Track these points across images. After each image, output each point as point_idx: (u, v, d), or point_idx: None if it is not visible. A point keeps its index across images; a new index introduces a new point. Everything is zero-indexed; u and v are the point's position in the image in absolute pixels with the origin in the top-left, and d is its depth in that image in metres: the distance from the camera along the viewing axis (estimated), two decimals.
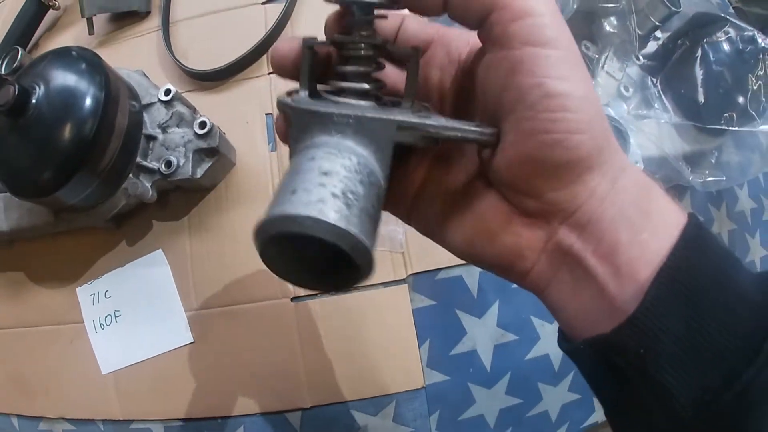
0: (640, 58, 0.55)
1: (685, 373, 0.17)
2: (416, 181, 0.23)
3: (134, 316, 0.50)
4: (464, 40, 0.22)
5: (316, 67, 0.21)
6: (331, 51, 0.22)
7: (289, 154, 0.20)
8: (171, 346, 0.49)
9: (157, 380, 0.49)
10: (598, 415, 0.52)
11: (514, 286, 0.49)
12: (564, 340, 0.22)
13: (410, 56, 0.20)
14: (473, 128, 0.19)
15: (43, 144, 0.42)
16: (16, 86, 0.41)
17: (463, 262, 0.49)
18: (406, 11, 0.20)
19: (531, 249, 0.21)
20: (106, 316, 0.51)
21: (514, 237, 0.21)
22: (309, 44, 0.21)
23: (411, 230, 0.49)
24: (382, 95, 0.22)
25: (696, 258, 0.18)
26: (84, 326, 0.52)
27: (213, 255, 0.50)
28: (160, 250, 0.50)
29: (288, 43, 0.21)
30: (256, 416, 0.48)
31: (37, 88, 0.43)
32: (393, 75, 0.23)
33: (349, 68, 0.21)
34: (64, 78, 0.44)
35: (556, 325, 0.41)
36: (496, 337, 0.49)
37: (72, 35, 0.60)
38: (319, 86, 0.22)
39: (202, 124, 0.47)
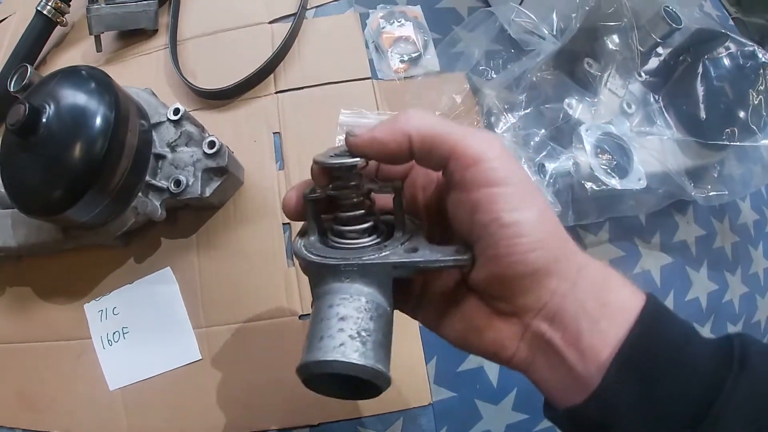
0: (642, 74, 0.54)
1: (639, 415, 0.20)
2: (417, 289, 0.27)
3: (142, 333, 0.50)
4: None
5: (318, 209, 0.26)
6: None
7: (312, 293, 0.25)
8: (179, 363, 0.49)
9: (165, 397, 0.49)
10: None
11: None
12: (548, 410, 0.24)
13: (394, 192, 0.25)
14: (453, 257, 0.23)
15: (53, 163, 0.42)
16: (27, 105, 0.41)
17: None
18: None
19: (510, 339, 0.24)
20: (114, 333, 0.50)
21: (496, 332, 0.24)
22: (309, 198, 0.25)
23: None
24: (379, 223, 0.26)
25: (650, 338, 0.20)
26: (91, 342, 0.51)
27: (221, 273, 0.49)
28: (169, 268, 0.50)
29: (293, 196, 0.26)
30: None
31: (48, 107, 0.42)
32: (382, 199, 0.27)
33: (346, 215, 0.25)
34: (74, 97, 0.43)
35: None
36: None
37: (79, 52, 0.59)
38: (324, 217, 0.27)
39: (211, 144, 0.46)
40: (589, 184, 0.47)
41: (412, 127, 0.22)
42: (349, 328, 0.22)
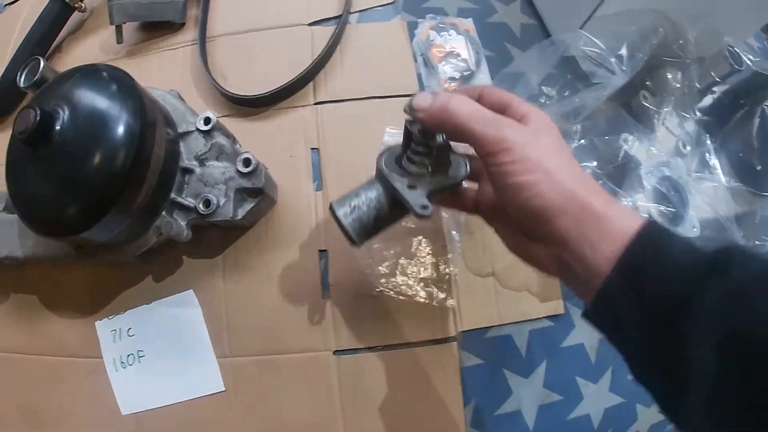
0: (697, 112, 0.48)
1: (635, 314, 0.23)
2: (468, 203, 0.33)
3: (160, 358, 0.42)
4: None
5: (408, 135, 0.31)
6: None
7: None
8: (200, 393, 0.41)
9: (182, 427, 0.41)
10: None
11: (563, 345, 0.41)
12: (584, 314, 0.26)
13: (442, 147, 0.30)
14: (411, 208, 0.29)
15: (68, 178, 0.33)
16: (38, 111, 0.32)
17: (514, 320, 0.42)
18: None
19: (544, 258, 0.29)
20: (128, 355, 0.42)
21: (533, 251, 0.29)
22: (407, 126, 0.30)
23: (463, 285, 0.42)
24: (429, 163, 0.31)
25: (643, 249, 0.23)
26: (102, 362, 0.43)
27: (250, 298, 0.42)
28: (191, 291, 0.42)
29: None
30: None
31: (62, 113, 0.33)
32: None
33: (412, 156, 0.31)
34: (94, 101, 0.34)
35: (599, 385, 0.42)
36: (542, 398, 0.43)
37: (97, 41, 0.50)
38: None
39: (246, 162, 0.38)
40: None
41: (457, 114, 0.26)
42: (354, 201, 0.31)
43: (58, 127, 0.33)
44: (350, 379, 0.40)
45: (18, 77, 0.40)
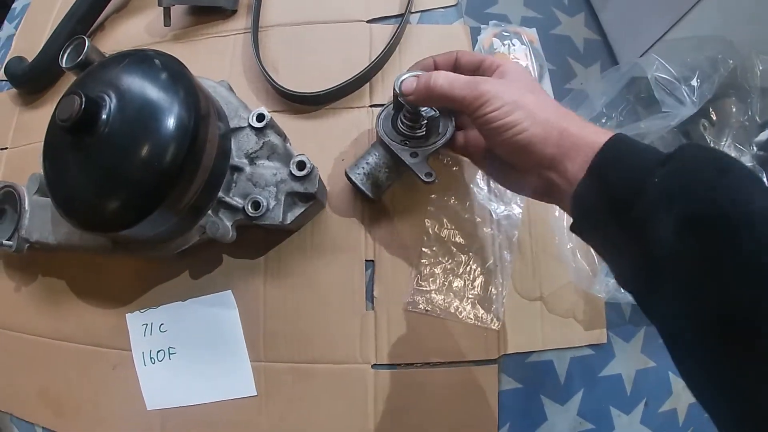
0: (754, 147, 0.45)
1: (603, 207, 0.24)
2: (457, 148, 0.36)
3: (192, 356, 0.39)
4: None
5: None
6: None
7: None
8: (230, 396, 0.39)
9: (210, 427, 0.39)
10: None
11: (601, 374, 0.42)
12: (570, 227, 0.28)
13: (434, 119, 0.36)
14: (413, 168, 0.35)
15: (112, 171, 0.30)
16: (83, 97, 0.28)
17: (557, 347, 0.40)
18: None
19: (534, 183, 0.29)
20: (159, 351, 0.40)
21: (522, 179, 0.30)
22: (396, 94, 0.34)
23: (510, 307, 0.39)
24: (421, 129, 0.36)
25: (608, 155, 0.25)
26: (130, 355, 0.40)
27: (289, 304, 0.39)
28: (230, 292, 0.39)
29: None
30: None
31: (108, 100, 0.30)
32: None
33: (404, 122, 0.36)
34: (144, 90, 0.31)
35: (631, 417, 0.41)
36: (575, 426, 0.40)
37: (143, 22, 0.45)
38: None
39: (301, 165, 0.35)
40: None
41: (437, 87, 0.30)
42: (365, 163, 0.37)
43: (104, 116, 0.29)
44: (386, 394, 0.38)
45: (60, 56, 0.36)
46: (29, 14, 0.52)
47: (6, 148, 0.48)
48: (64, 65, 0.35)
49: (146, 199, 0.30)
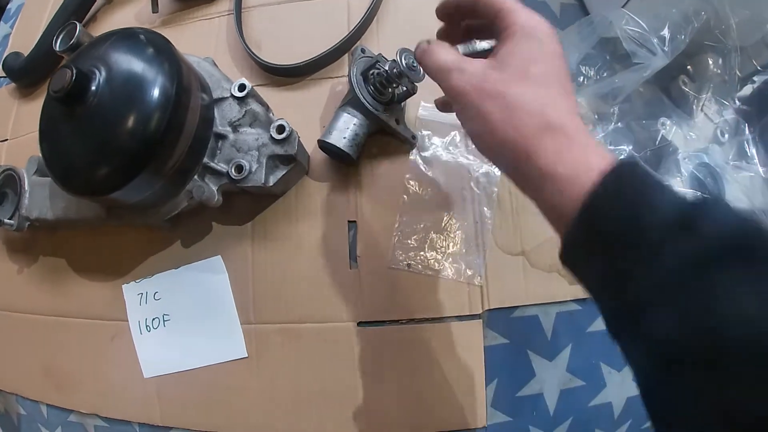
0: (737, 101, 0.45)
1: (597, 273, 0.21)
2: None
3: (185, 322, 0.41)
4: None
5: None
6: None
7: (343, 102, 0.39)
8: (222, 359, 0.40)
9: (203, 391, 0.41)
10: None
11: (589, 329, 0.42)
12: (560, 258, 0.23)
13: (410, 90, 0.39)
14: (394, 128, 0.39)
15: (102, 138, 0.32)
16: (74, 70, 0.31)
17: (541, 301, 0.41)
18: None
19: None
20: (154, 319, 0.42)
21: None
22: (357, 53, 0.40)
23: (492, 262, 0.40)
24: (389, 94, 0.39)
25: (606, 199, 0.20)
26: (127, 325, 0.42)
27: (276, 266, 0.40)
28: (219, 257, 0.41)
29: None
30: None
31: (98, 73, 0.32)
32: None
33: (378, 88, 0.38)
34: (130, 63, 0.33)
35: (623, 374, 0.40)
36: (564, 382, 0.41)
37: (133, 11, 0.48)
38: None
39: (280, 128, 0.37)
40: None
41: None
42: (346, 133, 0.38)
43: (93, 88, 0.32)
44: (373, 351, 0.39)
45: (54, 41, 0.39)
46: (24, 12, 0.56)
47: (6, 140, 0.51)
48: (57, 49, 0.38)
49: (132, 163, 0.32)
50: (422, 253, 0.39)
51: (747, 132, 0.44)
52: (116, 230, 0.43)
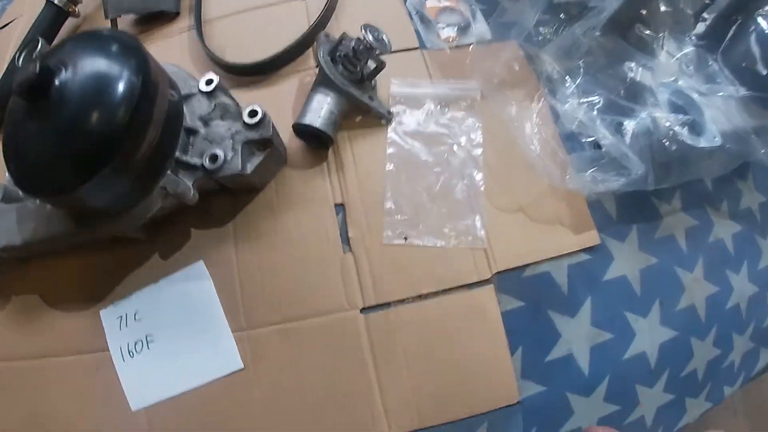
0: (694, 38, 0.46)
1: None
2: None
3: (170, 340, 0.37)
4: None
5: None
6: None
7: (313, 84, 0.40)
8: (216, 375, 0.36)
9: (199, 416, 0.36)
10: (690, 414, 0.41)
11: (605, 278, 0.39)
12: None
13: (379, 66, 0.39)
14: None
15: (66, 131, 0.31)
16: (38, 64, 0.30)
17: (549, 256, 0.38)
18: None
19: None
20: (136, 342, 0.38)
21: None
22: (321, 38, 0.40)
23: (491, 224, 0.38)
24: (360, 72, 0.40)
25: None
26: (110, 354, 0.38)
27: (264, 265, 0.37)
28: (201, 262, 0.38)
29: None
30: None
31: (63, 70, 0.31)
32: None
33: (347, 67, 0.39)
34: (95, 59, 0.33)
35: (649, 319, 0.38)
36: (592, 337, 0.38)
37: None
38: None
39: (253, 113, 0.36)
40: (668, 143, 0.38)
41: None
42: (321, 113, 0.37)
43: (58, 82, 0.31)
44: (382, 338, 0.36)
45: (17, 58, 0.37)
46: None
47: None
48: (19, 64, 0.37)
49: (97, 155, 0.30)
50: (417, 223, 0.37)
51: (710, 61, 0.44)
52: (90, 253, 0.39)
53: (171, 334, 0.37)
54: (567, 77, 0.42)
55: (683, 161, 0.41)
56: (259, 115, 0.35)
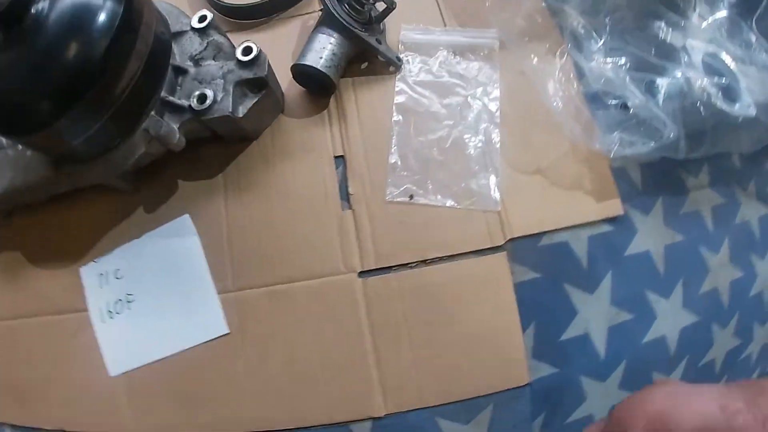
0: (726, 2, 0.43)
1: None
2: None
3: (152, 300, 0.34)
4: None
5: None
6: None
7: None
8: (199, 340, 0.33)
9: (181, 384, 0.33)
10: None
11: (627, 253, 0.36)
12: None
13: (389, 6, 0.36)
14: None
15: (41, 60, 0.28)
16: None
17: (568, 225, 0.35)
18: None
19: None
20: (116, 302, 0.35)
21: None
22: None
23: (507, 184, 0.34)
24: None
25: None
26: (89, 315, 0.35)
27: (256, 220, 0.34)
28: (187, 216, 0.35)
29: None
30: (313, 430, 0.31)
31: None
32: None
33: (354, 7, 0.35)
34: None
35: (671, 301, 0.35)
36: (611, 317, 0.34)
37: None
38: None
39: (247, 50, 0.32)
40: (702, 107, 0.34)
41: None
42: (323, 54, 0.34)
43: (33, 10, 0.27)
44: (382, 305, 0.33)
45: None
46: None
47: None
48: None
49: (73, 84, 0.27)
50: (425, 180, 0.34)
51: (744, 29, 0.41)
52: (72, 206, 0.36)
53: (152, 293, 0.34)
54: (593, 32, 0.39)
55: (715, 130, 0.37)
56: (254, 52, 0.32)
